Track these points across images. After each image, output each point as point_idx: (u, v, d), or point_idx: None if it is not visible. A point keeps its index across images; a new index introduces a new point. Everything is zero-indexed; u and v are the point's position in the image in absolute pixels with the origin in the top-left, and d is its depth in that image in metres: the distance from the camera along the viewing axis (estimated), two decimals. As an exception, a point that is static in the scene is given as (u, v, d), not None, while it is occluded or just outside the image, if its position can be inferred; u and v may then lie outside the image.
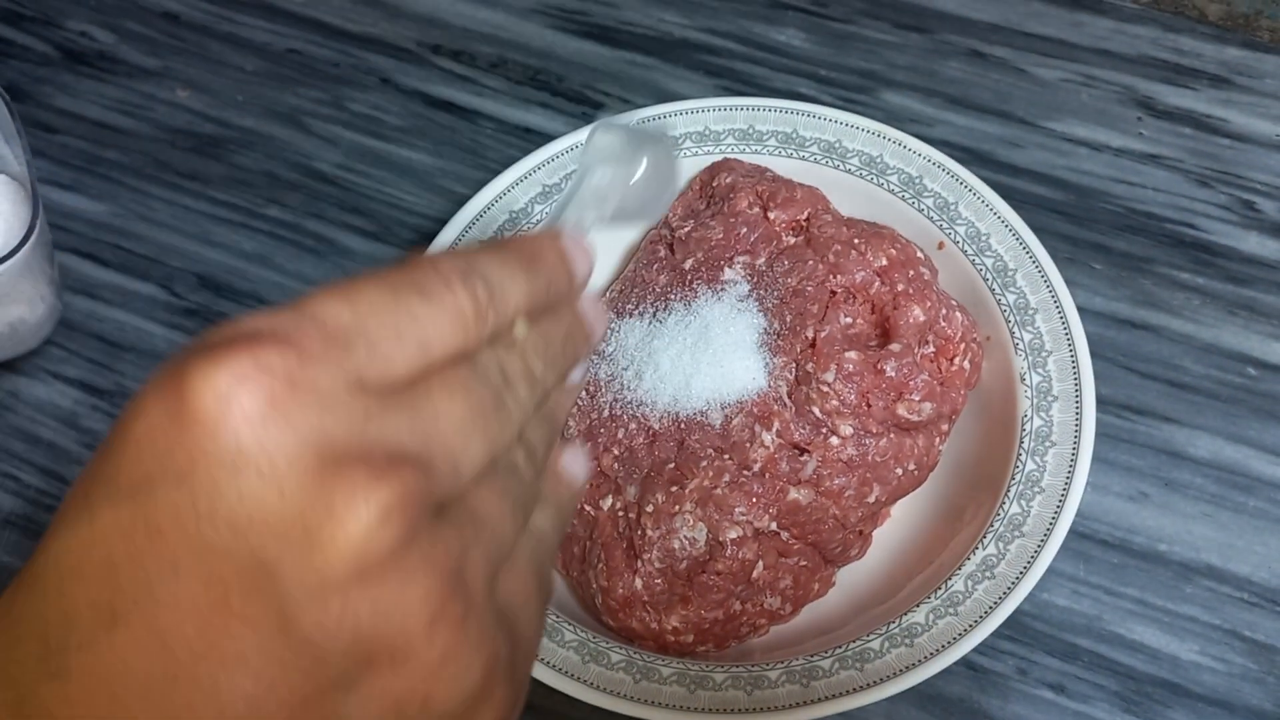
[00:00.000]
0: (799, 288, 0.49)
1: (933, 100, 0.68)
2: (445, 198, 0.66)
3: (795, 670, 0.44)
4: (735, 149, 0.58)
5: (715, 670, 0.44)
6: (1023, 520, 0.46)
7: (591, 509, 0.49)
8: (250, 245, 0.65)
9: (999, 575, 0.45)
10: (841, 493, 0.46)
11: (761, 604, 0.47)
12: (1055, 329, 0.50)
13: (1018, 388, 0.50)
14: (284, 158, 0.68)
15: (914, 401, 0.47)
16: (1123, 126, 0.66)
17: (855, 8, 0.72)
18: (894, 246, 0.51)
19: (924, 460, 0.48)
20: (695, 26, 0.72)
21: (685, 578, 0.46)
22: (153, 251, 0.65)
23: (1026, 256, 0.52)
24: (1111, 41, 0.70)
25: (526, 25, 0.73)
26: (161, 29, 0.74)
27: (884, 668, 0.43)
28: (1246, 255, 0.61)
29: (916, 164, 0.55)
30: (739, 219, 0.52)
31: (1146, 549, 0.53)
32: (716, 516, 0.45)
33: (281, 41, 0.73)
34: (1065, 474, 0.47)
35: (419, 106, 0.70)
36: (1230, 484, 0.54)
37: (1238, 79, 0.68)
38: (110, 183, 0.67)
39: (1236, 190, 0.63)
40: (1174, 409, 0.56)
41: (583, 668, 0.44)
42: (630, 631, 0.46)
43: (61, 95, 0.71)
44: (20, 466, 0.58)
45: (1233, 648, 0.50)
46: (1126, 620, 0.51)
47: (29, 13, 0.75)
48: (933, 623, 0.44)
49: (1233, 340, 0.58)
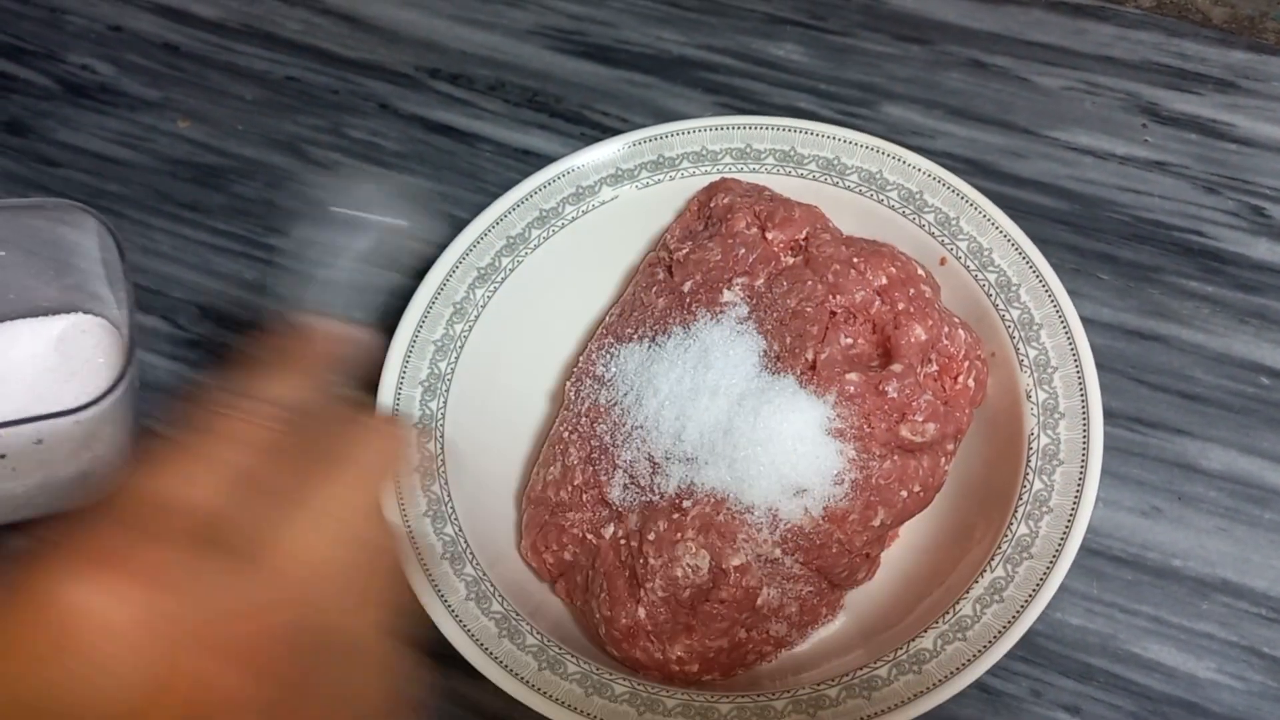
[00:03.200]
0: (798, 308, 0.49)
1: (934, 112, 0.67)
2: (445, 222, 0.65)
3: (802, 700, 0.43)
4: (733, 168, 0.57)
5: (720, 701, 0.44)
6: (1031, 541, 0.45)
7: (593, 537, 0.48)
8: (251, 274, 0.65)
9: (1008, 598, 0.44)
10: (846, 517, 0.46)
11: (767, 631, 0.46)
12: (1061, 344, 0.50)
13: (1023, 405, 0.49)
14: (284, 186, 0.68)
15: (917, 422, 0.46)
16: (1127, 134, 0.65)
17: (854, 20, 0.72)
18: (894, 264, 0.50)
19: (929, 481, 0.48)
20: (693, 44, 0.72)
21: (689, 606, 0.45)
22: (155, 284, 0.65)
23: (1030, 270, 0.52)
24: (1114, 48, 0.69)
25: (524, 47, 0.73)
26: (161, 60, 0.74)
27: (892, 695, 0.43)
28: (1256, 262, 0.60)
29: (916, 179, 0.55)
30: (737, 240, 0.52)
31: (1160, 565, 0.52)
32: (719, 544, 0.45)
33: (280, 69, 0.73)
34: (1074, 494, 0.46)
35: (418, 131, 0.70)
36: (1245, 497, 0.53)
37: (1244, 82, 0.67)
38: (112, 215, 0.67)
39: (1245, 196, 0.62)
40: (1185, 421, 0.55)
41: (586, 701, 0.43)
42: (634, 662, 0.46)
43: (63, 129, 0.72)
44: (25, 503, 0.58)
45: (1251, 665, 0.49)
46: (1142, 639, 0.50)
47: (30, 47, 0.76)
48: (941, 648, 0.44)
49: (1244, 349, 0.57)
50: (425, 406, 0.51)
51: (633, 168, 0.58)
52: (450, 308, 0.54)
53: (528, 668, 0.44)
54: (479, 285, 0.55)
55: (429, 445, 0.50)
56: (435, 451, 0.50)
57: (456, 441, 0.51)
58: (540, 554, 0.50)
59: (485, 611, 0.46)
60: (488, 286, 0.55)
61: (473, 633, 0.45)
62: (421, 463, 0.50)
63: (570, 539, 0.49)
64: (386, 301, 0.63)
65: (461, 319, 0.54)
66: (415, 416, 0.51)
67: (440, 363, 0.53)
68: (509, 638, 0.45)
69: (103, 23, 0.77)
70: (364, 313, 0.62)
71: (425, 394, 0.52)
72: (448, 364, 0.53)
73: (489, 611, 0.46)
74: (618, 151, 0.58)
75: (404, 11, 0.75)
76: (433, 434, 0.51)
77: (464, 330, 0.54)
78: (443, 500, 0.49)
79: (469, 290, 0.55)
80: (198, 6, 0.77)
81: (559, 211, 0.57)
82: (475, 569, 0.47)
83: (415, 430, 0.50)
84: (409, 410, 0.51)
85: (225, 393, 0.32)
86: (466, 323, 0.54)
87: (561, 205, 0.57)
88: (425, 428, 0.51)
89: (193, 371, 0.61)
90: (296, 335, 0.35)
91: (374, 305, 0.62)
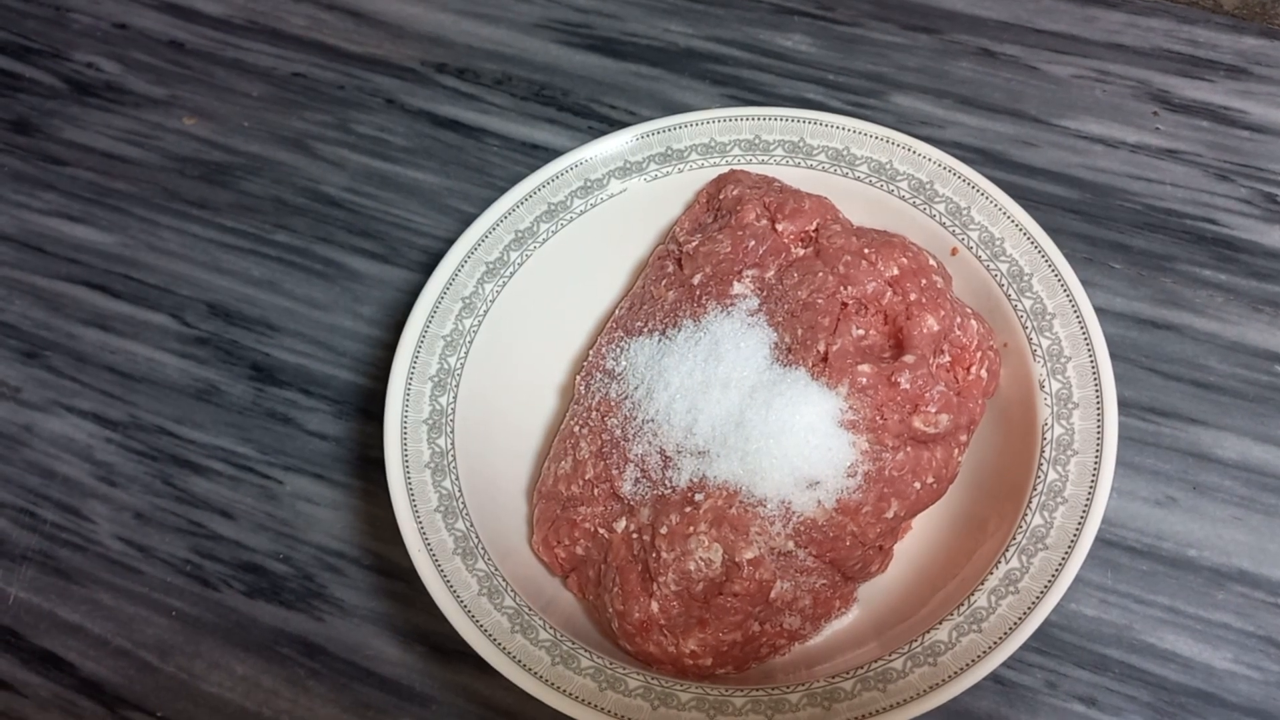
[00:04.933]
0: (809, 300, 0.48)
1: (943, 101, 0.67)
2: (453, 217, 0.65)
3: (816, 693, 0.43)
4: (742, 160, 0.57)
5: (734, 694, 0.44)
6: (1046, 532, 0.45)
7: (605, 532, 0.48)
8: (259, 271, 0.65)
9: (1023, 590, 0.44)
10: (859, 509, 0.45)
11: (781, 624, 0.46)
12: (1074, 333, 0.49)
13: (1037, 395, 0.49)
14: (291, 182, 0.68)
15: (930, 414, 0.46)
16: (1138, 122, 0.65)
17: (862, 10, 0.71)
18: (905, 255, 0.50)
19: (943, 473, 0.47)
20: (700, 35, 0.72)
21: (702, 600, 0.45)
22: (163, 281, 0.65)
23: (1042, 260, 0.51)
24: (1125, 35, 0.68)
25: (531, 40, 0.73)
26: (167, 58, 0.74)
27: (907, 688, 0.43)
28: (1270, 249, 0.59)
29: (926, 169, 0.55)
30: (747, 231, 0.52)
31: (1176, 555, 0.52)
32: (732, 537, 0.45)
33: (286, 66, 0.73)
34: (1088, 484, 0.46)
35: (425, 126, 0.69)
36: (1260, 486, 0.53)
37: (1255, 69, 0.66)
38: (120, 213, 0.68)
39: (1257, 183, 0.62)
40: (1199, 410, 0.55)
41: (599, 695, 0.43)
42: (648, 656, 0.46)
43: (70, 127, 0.72)
44: (37, 502, 0.58)
45: (1268, 655, 0.49)
46: (1157, 629, 0.50)
47: (36, 45, 0.76)
48: (956, 640, 0.43)
49: (1258, 337, 0.57)
50: (435, 402, 0.51)
51: (641, 160, 0.58)
52: (459, 303, 0.54)
53: (541, 663, 0.44)
54: (488, 280, 0.55)
55: (439, 441, 0.50)
56: (446, 447, 0.50)
57: (467, 436, 0.51)
58: (552, 548, 0.49)
59: (498, 607, 0.46)
60: (496, 281, 0.55)
61: (485, 628, 0.45)
62: (432, 459, 0.50)
63: (582, 533, 0.49)
64: (395, 296, 0.63)
65: (470, 314, 0.54)
66: (425, 412, 0.51)
67: (450, 358, 0.53)
68: (522, 633, 0.45)
69: (108, 20, 0.77)
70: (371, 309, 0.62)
71: (435, 389, 0.52)
72: (457, 359, 0.53)
73: (501, 607, 0.46)
74: (626, 144, 0.58)
75: (410, 6, 0.75)
76: (443, 429, 0.51)
77: (473, 325, 0.54)
78: (454, 495, 0.49)
79: (478, 285, 0.55)
80: (203, 3, 0.77)
81: (567, 205, 0.57)
82: (487, 564, 0.47)
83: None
84: (419, 405, 0.51)
85: None
86: (475, 317, 0.54)
87: (570, 199, 0.57)
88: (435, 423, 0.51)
89: (200, 369, 0.61)
90: None
91: (383, 301, 0.62)
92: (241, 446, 0.59)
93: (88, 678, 0.53)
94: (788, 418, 0.45)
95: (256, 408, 0.60)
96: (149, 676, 0.53)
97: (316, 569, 0.55)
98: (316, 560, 0.55)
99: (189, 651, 0.53)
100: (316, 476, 0.57)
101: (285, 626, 0.53)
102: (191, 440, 0.59)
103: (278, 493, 0.57)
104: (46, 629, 0.54)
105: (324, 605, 0.54)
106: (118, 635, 0.54)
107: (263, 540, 0.56)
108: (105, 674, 0.53)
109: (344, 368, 0.61)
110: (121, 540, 0.56)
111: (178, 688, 0.52)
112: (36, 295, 0.65)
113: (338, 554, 0.55)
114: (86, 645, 0.54)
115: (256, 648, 0.53)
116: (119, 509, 0.57)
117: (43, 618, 0.54)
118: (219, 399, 0.60)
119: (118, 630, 0.54)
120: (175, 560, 0.56)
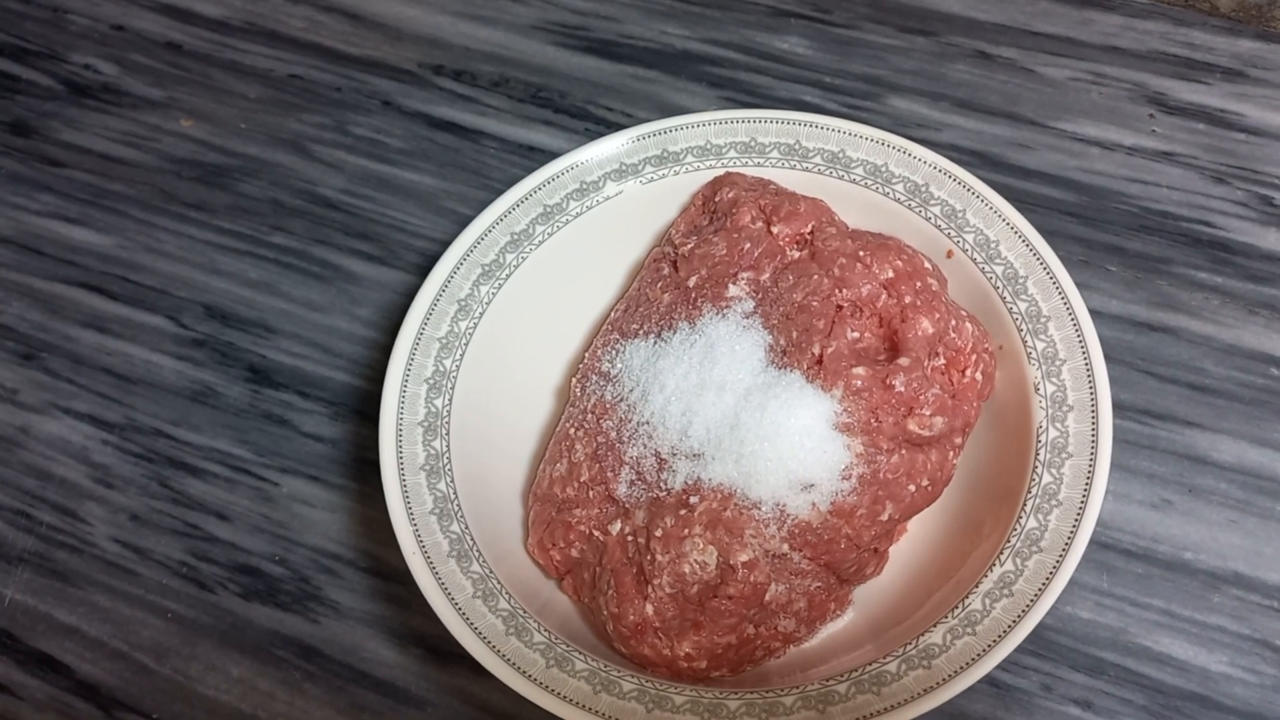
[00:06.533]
0: (804, 303, 0.48)
1: (940, 104, 0.67)
2: (450, 219, 0.65)
3: (811, 696, 0.43)
4: (737, 162, 0.57)
5: (729, 697, 0.44)
6: (1040, 535, 0.45)
7: (600, 534, 0.48)
8: (256, 273, 0.65)
9: (1017, 592, 0.44)
10: (853, 512, 0.45)
11: (775, 627, 0.46)
12: (1069, 336, 0.49)
13: (1032, 398, 0.49)
14: (288, 184, 0.68)
15: (925, 416, 0.46)
16: (1135, 124, 0.65)
17: (858, 13, 0.72)
18: (900, 257, 0.50)
19: (938, 475, 0.47)
20: (697, 38, 0.72)
21: (697, 603, 0.45)
22: (160, 283, 0.65)
23: (1037, 263, 0.51)
24: (1121, 38, 0.68)
25: (527, 43, 0.73)
26: (165, 59, 0.74)
27: (901, 691, 0.43)
28: (1266, 252, 0.59)
29: (922, 171, 0.55)
30: (742, 234, 0.52)
31: (1171, 558, 0.52)
32: (727, 539, 0.45)
33: (283, 67, 0.73)
34: (1083, 487, 0.46)
35: (422, 128, 0.69)
36: (1256, 489, 0.53)
37: (1252, 72, 0.66)
38: (117, 215, 0.68)
39: (1254, 186, 0.62)
40: (1195, 413, 0.55)
41: (594, 698, 0.43)
42: (643, 658, 0.46)
43: (67, 129, 0.72)
44: (33, 504, 0.58)
45: (1263, 658, 0.49)
46: (1153, 632, 0.50)
47: (33, 47, 0.76)
48: (950, 643, 0.43)
49: (1254, 340, 0.57)
50: (430, 404, 0.51)
51: (637, 163, 0.58)
52: (455, 304, 0.54)
53: (535, 665, 0.44)
54: (484, 281, 0.55)
55: (434, 443, 0.50)
56: (441, 449, 0.50)
57: (462, 439, 0.51)
58: (547, 551, 0.49)
59: (492, 609, 0.46)
60: (492, 283, 0.55)
61: (480, 630, 0.45)
62: (427, 461, 0.50)
63: (577, 535, 0.49)
64: (392, 299, 0.63)
65: (466, 315, 0.54)
66: (420, 414, 0.51)
67: (445, 360, 0.53)
68: (516, 635, 0.45)
69: (105, 22, 0.77)
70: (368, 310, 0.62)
71: (430, 391, 0.52)
72: (452, 361, 0.53)
73: (496, 609, 0.46)
74: (622, 146, 0.58)
75: (407, 8, 0.75)
76: (439, 432, 0.51)
77: (469, 327, 0.54)
78: (449, 498, 0.49)
79: (473, 287, 0.55)
80: (200, 5, 0.77)
81: (563, 207, 0.57)
82: (482, 566, 0.47)
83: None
84: (414, 407, 0.51)
85: None
86: (471, 319, 0.54)
87: (566, 201, 0.57)
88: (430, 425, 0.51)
89: (197, 371, 0.61)
90: None
91: (380, 303, 0.62)
92: (238, 448, 0.59)
93: (84, 680, 0.53)
94: (782, 420, 0.45)
95: (253, 410, 0.60)
96: (145, 679, 0.53)
97: (312, 571, 0.55)
98: (312, 562, 0.55)
99: (185, 654, 0.53)
100: (312, 479, 0.57)
101: (281, 629, 0.53)
102: (188, 442, 0.59)
103: (274, 495, 0.57)
104: (42, 631, 0.54)
105: (320, 607, 0.54)
106: (114, 637, 0.54)
107: (259, 542, 0.56)
108: (101, 676, 0.53)
109: (340, 370, 0.61)
110: (118, 542, 0.56)
111: (174, 690, 0.52)
112: (33, 297, 0.65)
113: (333, 556, 0.55)
114: (82, 647, 0.54)
115: (252, 650, 0.53)
116: (115, 511, 0.57)
117: (39, 620, 0.55)
118: (215, 401, 0.60)
119: (114, 632, 0.54)
120: (171, 562, 0.56)
